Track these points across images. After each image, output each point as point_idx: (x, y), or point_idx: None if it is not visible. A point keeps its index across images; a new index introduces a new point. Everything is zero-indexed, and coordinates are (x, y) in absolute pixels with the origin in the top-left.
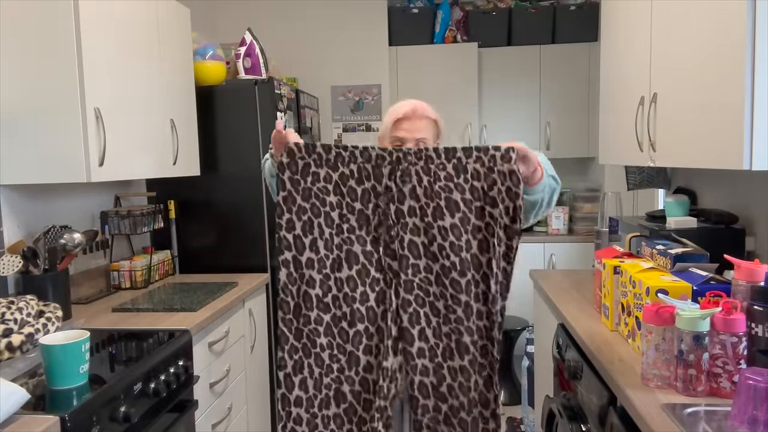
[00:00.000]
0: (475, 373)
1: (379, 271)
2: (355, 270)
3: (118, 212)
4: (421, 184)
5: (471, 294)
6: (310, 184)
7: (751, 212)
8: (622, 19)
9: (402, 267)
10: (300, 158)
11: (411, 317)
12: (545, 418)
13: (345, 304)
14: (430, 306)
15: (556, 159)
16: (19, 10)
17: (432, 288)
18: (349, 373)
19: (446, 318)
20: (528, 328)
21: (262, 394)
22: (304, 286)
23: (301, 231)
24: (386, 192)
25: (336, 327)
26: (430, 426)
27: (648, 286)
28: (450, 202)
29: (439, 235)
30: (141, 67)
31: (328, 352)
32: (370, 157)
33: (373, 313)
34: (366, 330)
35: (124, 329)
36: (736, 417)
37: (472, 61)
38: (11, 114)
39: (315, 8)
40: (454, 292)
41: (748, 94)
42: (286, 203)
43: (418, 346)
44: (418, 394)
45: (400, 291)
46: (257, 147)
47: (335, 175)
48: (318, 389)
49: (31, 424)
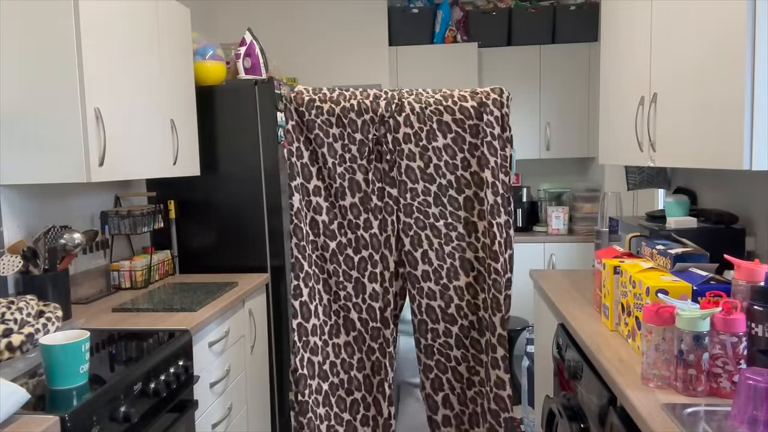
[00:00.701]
0: (483, 292)
1: (380, 199)
2: (358, 198)
3: (118, 212)
4: (414, 111)
5: (473, 211)
6: (314, 116)
7: (751, 212)
8: (622, 19)
9: (401, 192)
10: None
11: (413, 240)
12: (545, 418)
13: (349, 230)
14: (431, 227)
15: (556, 159)
16: (19, 10)
17: (431, 209)
18: (356, 300)
19: (447, 237)
20: (528, 328)
21: (262, 394)
22: (311, 212)
23: (308, 160)
24: (382, 122)
25: (341, 254)
26: (440, 350)
27: (648, 286)
28: (441, 124)
29: (434, 156)
30: (141, 67)
31: (335, 279)
32: (369, 94)
33: (377, 240)
34: (370, 257)
35: (124, 329)
36: (736, 417)
37: (472, 61)
38: (11, 114)
39: (315, 8)
40: (452, 209)
41: (748, 94)
42: (294, 131)
43: (422, 269)
44: (427, 317)
45: (401, 216)
46: (257, 147)
47: (337, 109)
48: (327, 315)
49: (31, 424)
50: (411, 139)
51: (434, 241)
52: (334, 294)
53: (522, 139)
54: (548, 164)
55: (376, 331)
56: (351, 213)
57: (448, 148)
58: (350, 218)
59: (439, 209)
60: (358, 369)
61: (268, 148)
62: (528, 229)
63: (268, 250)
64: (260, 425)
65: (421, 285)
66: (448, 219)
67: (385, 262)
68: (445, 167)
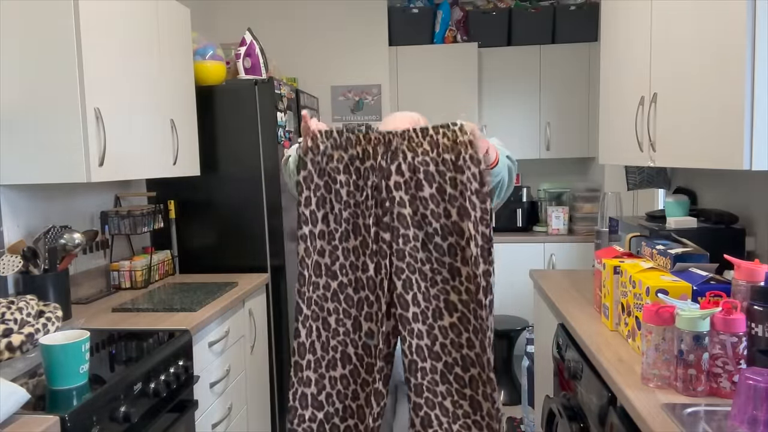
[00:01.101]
0: (466, 332)
1: (375, 243)
2: (359, 241)
3: (118, 212)
4: (405, 160)
5: (456, 257)
6: (325, 164)
7: (751, 212)
8: (622, 19)
9: (393, 237)
10: (321, 142)
11: (405, 284)
12: (545, 418)
13: (351, 271)
14: (419, 271)
15: (556, 159)
16: (19, 10)
17: (419, 254)
18: (353, 337)
19: (433, 280)
20: (528, 328)
21: (262, 394)
22: (315, 256)
23: (315, 206)
24: (380, 169)
25: (342, 293)
26: (429, 387)
27: (648, 286)
28: (428, 174)
29: (421, 205)
30: (141, 67)
31: (335, 317)
32: (370, 139)
33: (372, 282)
34: (367, 298)
35: (124, 329)
36: (736, 417)
37: (472, 61)
38: (11, 114)
39: (315, 8)
40: (438, 255)
41: (748, 94)
42: (306, 181)
43: (412, 311)
44: (417, 357)
45: (394, 260)
46: (257, 147)
47: (346, 156)
48: (326, 350)
49: (31, 424)
50: (401, 186)
51: (422, 284)
52: (333, 331)
53: (522, 139)
54: (548, 164)
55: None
56: (353, 255)
57: (432, 198)
58: (352, 260)
59: (425, 254)
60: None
61: (268, 148)
62: (528, 229)
63: (268, 250)
64: (260, 425)
65: (411, 326)
66: (434, 264)
67: (379, 302)
68: (431, 215)
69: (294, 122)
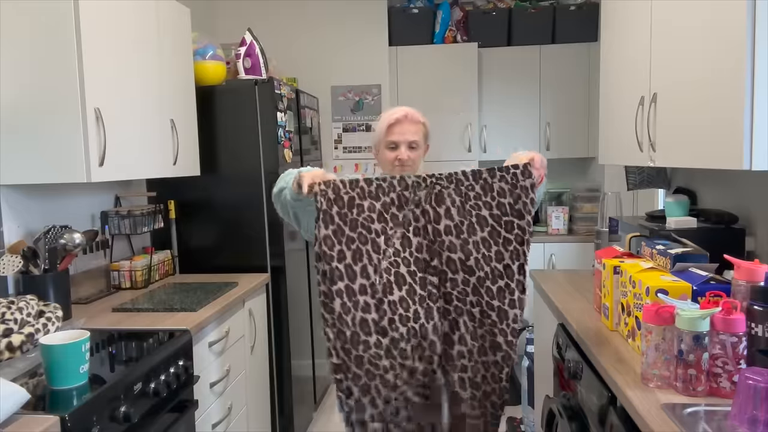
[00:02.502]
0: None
1: (423, 288)
2: (405, 290)
3: (118, 212)
4: (455, 204)
5: (504, 300)
6: (356, 215)
7: (751, 212)
8: (622, 19)
9: (441, 281)
10: (345, 193)
11: (451, 324)
12: (545, 418)
13: (401, 324)
14: (468, 313)
15: (556, 159)
16: (19, 11)
17: (469, 297)
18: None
19: (481, 322)
20: (528, 328)
21: (262, 394)
22: (359, 313)
23: (351, 260)
24: (423, 214)
25: (396, 348)
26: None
27: (648, 286)
28: (480, 218)
29: (474, 250)
30: (141, 67)
31: (392, 373)
32: (407, 185)
33: (424, 329)
34: (419, 345)
35: (124, 329)
36: (736, 417)
37: (472, 61)
38: (11, 114)
39: (315, 8)
40: (488, 299)
41: (748, 94)
42: (336, 236)
43: (457, 350)
44: (459, 388)
45: (442, 303)
46: (257, 147)
47: (378, 204)
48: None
49: (31, 424)
50: (452, 231)
51: (470, 325)
52: (391, 387)
53: (522, 139)
54: (548, 164)
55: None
56: (401, 307)
57: (485, 242)
58: (401, 312)
59: (476, 298)
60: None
61: (268, 148)
62: None
63: (268, 250)
64: (260, 425)
65: (454, 362)
66: (483, 307)
67: (433, 347)
68: (483, 260)
69: (294, 122)
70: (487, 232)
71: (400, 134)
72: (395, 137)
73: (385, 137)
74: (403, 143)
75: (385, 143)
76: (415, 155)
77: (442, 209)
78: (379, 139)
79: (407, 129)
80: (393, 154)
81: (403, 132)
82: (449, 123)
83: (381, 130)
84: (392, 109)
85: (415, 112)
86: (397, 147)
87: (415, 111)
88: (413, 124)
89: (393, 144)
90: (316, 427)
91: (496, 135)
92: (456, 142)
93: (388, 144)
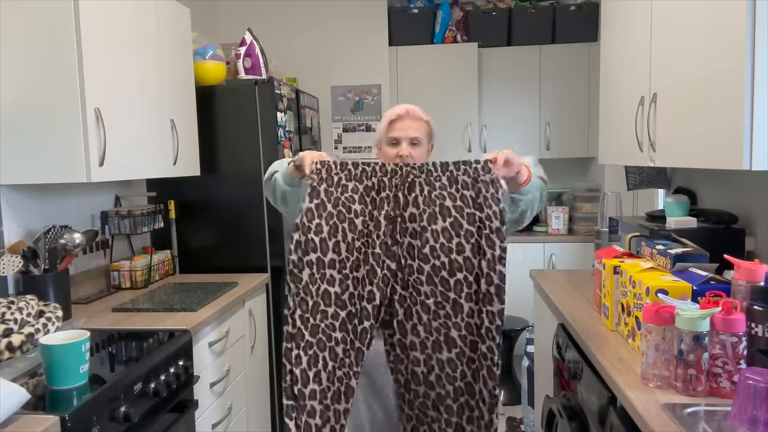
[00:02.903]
0: (462, 365)
1: (382, 270)
2: (366, 270)
3: (118, 212)
4: (422, 193)
5: (461, 293)
6: (340, 194)
7: (751, 212)
8: (622, 19)
9: (399, 267)
10: (335, 174)
11: (406, 312)
12: (545, 418)
13: (358, 301)
14: (421, 304)
15: (556, 159)
16: (19, 11)
17: (423, 287)
18: (357, 369)
19: (436, 314)
20: (528, 328)
21: (262, 394)
22: (324, 284)
23: (327, 234)
24: (395, 200)
25: (350, 323)
26: (420, 411)
27: (648, 286)
28: (443, 208)
29: (431, 238)
30: (141, 67)
31: (342, 347)
32: (387, 171)
33: (377, 311)
34: (371, 327)
35: (124, 329)
36: (736, 417)
37: (472, 61)
38: (11, 114)
39: (315, 8)
40: (443, 290)
41: (748, 94)
42: (318, 210)
43: (410, 339)
44: (412, 379)
45: (397, 288)
46: (257, 147)
47: (361, 187)
48: (331, 381)
49: (31, 424)
50: (415, 218)
51: (423, 316)
52: (339, 361)
53: (522, 139)
54: (548, 164)
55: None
56: (360, 284)
57: (445, 232)
58: (359, 290)
59: (430, 288)
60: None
61: (268, 148)
62: (528, 229)
63: (268, 250)
64: (260, 425)
65: (408, 352)
66: (438, 298)
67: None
68: (440, 249)
69: (294, 122)
70: (449, 222)
71: (401, 130)
72: (396, 133)
73: (387, 134)
74: (405, 139)
75: (386, 140)
76: (417, 153)
77: (411, 197)
78: (381, 136)
79: (409, 125)
80: (394, 151)
81: (404, 128)
82: (449, 123)
83: (382, 126)
84: (396, 106)
85: (418, 109)
86: (399, 143)
87: (419, 108)
88: (415, 121)
89: (394, 140)
90: None
91: (496, 135)
92: (456, 142)
93: (390, 140)
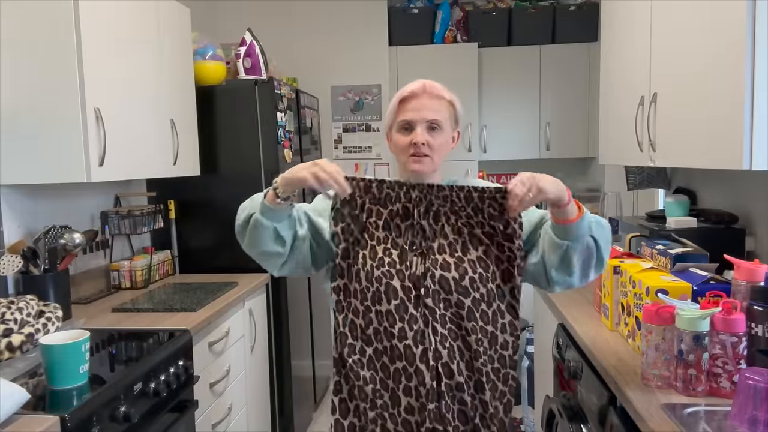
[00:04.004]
0: (495, 400)
1: (416, 308)
2: (394, 305)
3: (118, 212)
4: (449, 222)
5: (497, 325)
6: (365, 219)
7: (751, 212)
8: (622, 19)
9: (435, 302)
10: (359, 196)
11: (450, 352)
12: (545, 418)
13: (385, 338)
14: (462, 339)
15: (556, 159)
16: (19, 10)
17: (464, 322)
18: (392, 411)
19: (477, 352)
20: (528, 328)
21: (262, 394)
22: (350, 314)
23: (352, 260)
24: (421, 229)
25: (378, 361)
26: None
27: (648, 286)
28: (473, 237)
29: (469, 269)
30: (141, 67)
31: (371, 387)
32: (411, 198)
33: (411, 352)
34: (404, 369)
35: (124, 329)
36: (736, 417)
37: (472, 61)
38: (11, 114)
39: (315, 8)
40: (483, 324)
41: (748, 94)
42: (344, 234)
43: (456, 381)
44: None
45: (437, 327)
46: (257, 147)
47: (385, 212)
48: (366, 422)
49: (31, 424)
50: (446, 249)
51: (465, 353)
52: (370, 402)
53: (522, 139)
54: (548, 164)
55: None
56: (387, 320)
57: (481, 261)
58: (386, 325)
59: (471, 324)
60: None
61: (268, 148)
62: None
63: None
64: (260, 425)
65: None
66: (478, 335)
67: (420, 376)
68: (479, 280)
69: (294, 122)
70: (481, 251)
71: (415, 111)
72: (409, 115)
73: (397, 116)
74: (420, 122)
75: (397, 125)
76: (438, 141)
77: (438, 226)
78: (391, 120)
79: (425, 104)
80: (407, 139)
81: (419, 108)
82: None
83: (392, 107)
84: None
85: (438, 84)
86: (412, 128)
87: (438, 84)
88: (434, 99)
89: (407, 124)
90: (316, 427)
91: (496, 135)
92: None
93: (401, 125)
